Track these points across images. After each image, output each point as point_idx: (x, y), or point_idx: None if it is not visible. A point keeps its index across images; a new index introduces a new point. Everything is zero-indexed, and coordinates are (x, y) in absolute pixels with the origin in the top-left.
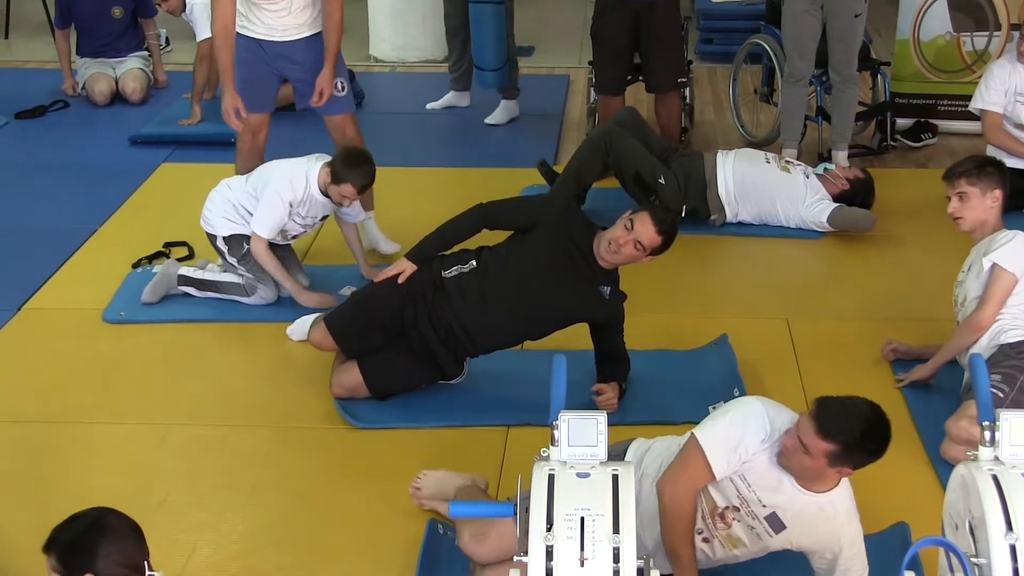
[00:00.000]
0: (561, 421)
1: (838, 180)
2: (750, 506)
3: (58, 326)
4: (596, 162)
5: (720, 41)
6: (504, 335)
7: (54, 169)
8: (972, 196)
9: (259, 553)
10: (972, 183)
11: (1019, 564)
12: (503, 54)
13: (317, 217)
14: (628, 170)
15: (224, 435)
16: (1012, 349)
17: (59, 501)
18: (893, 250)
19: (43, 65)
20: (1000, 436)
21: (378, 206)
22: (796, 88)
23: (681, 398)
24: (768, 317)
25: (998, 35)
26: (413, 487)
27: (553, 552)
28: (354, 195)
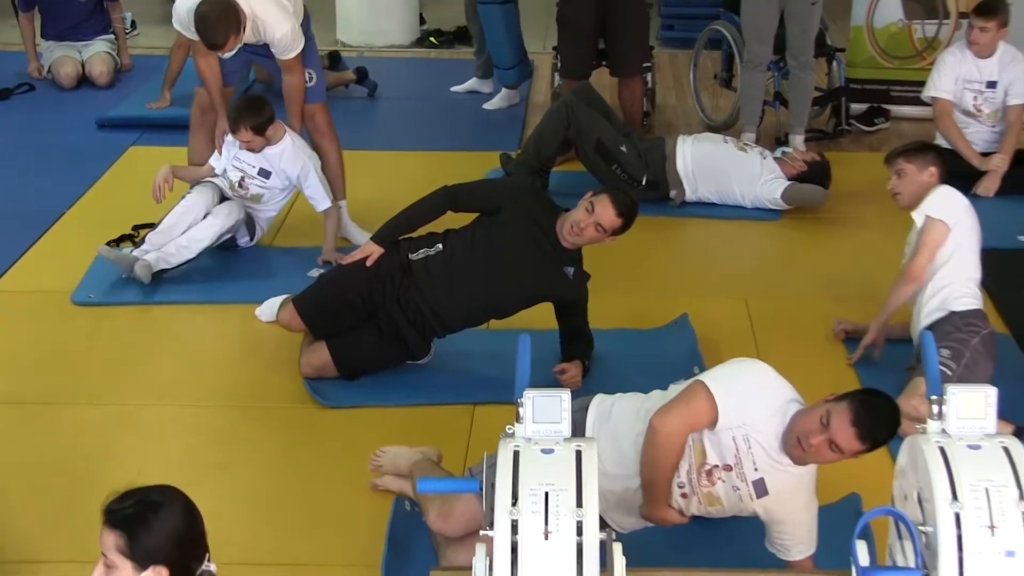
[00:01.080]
0: (526, 399)
1: (796, 163)
2: (743, 467)
3: (27, 309)
4: (558, 132)
5: (681, 27)
6: (471, 315)
7: (20, 152)
8: (909, 172)
9: (228, 531)
10: (909, 160)
11: (963, 531)
12: (516, 52)
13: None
14: (589, 138)
15: (194, 415)
16: (960, 319)
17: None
18: (848, 231)
19: (7, 48)
20: (947, 410)
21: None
22: (754, 73)
23: (643, 375)
24: (727, 297)
25: (947, 23)
26: (373, 464)
27: (518, 526)
28: (247, 140)
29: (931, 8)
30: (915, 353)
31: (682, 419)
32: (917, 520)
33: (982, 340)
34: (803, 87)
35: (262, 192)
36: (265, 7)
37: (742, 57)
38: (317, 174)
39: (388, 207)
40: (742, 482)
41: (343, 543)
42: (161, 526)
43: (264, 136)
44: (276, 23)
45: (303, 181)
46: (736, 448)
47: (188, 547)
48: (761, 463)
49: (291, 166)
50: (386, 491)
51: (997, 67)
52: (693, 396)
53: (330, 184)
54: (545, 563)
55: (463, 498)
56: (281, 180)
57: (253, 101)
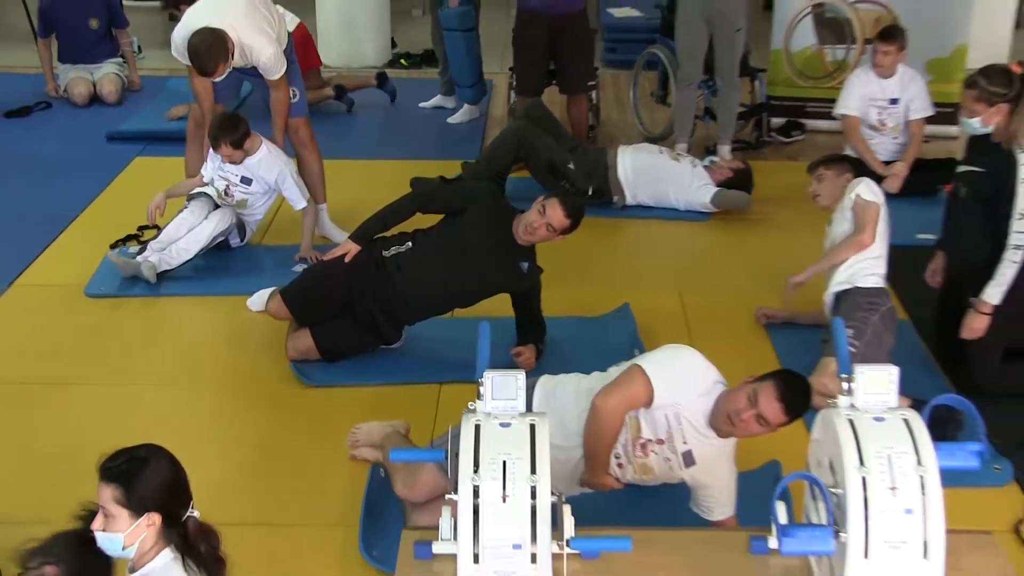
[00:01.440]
0: (486, 379)
1: (723, 170)
2: (674, 441)
3: (45, 301)
4: (508, 155)
5: (622, 50)
6: (437, 305)
7: (39, 162)
8: (827, 177)
9: (223, 498)
10: (828, 167)
11: (868, 493)
12: (476, 72)
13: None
14: (540, 159)
15: (192, 393)
16: (863, 295)
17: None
18: (768, 230)
19: (28, 70)
20: (855, 387)
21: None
22: (687, 91)
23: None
24: (663, 289)
25: (854, 47)
26: (350, 440)
27: (479, 491)
28: (228, 154)
29: (840, 34)
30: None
31: (622, 399)
32: (829, 483)
33: (881, 317)
34: (729, 103)
35: (246, 197)
36: (251, 35)
37: (676, 77)
38: (293, 178)
39: (364, 209)
40: (672, 454)
41: (324, 506)
42: (151, 477)
43: (243, 149)
44: (261, 48)
45: (280, 184)
46: (668, 424)
47: (175, 494)
48: (689, 437)
49: (268, 172)
50: (363, 460)
51: (898, 86)
52: (632, 378)
53: (312, 189)
54: (503, 523)
55: (426, 468)
56: (261, 185)
57: (229, 119)
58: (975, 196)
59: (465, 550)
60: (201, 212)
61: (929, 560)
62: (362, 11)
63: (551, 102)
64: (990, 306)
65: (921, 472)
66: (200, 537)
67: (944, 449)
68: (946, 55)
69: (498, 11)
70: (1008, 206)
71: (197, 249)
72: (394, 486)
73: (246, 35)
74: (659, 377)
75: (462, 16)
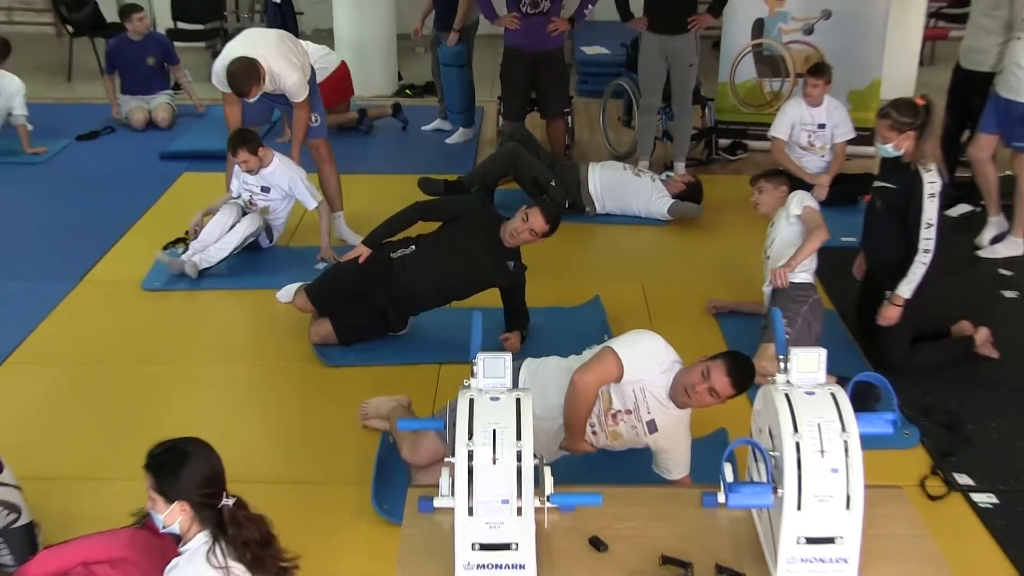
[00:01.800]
0: (478, 360)
1: (677, 184)
2: (639, 411)
3: (108, 294)
4: (501, 169)
5: (593, 82)
6: (436, 298)
7: (104, 178)
8: (767, 189)
9: (255, 460)
10: (768, 180)
11: (801, 455)
12: (468, 102)
13: (253, 185)
14: (527, 176)
15: (229, 371)
16: (795, 289)
17: (108, 420)
18: (716, 234)
19: (96, 101)
20: (791, 366)
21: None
22: (648, 116)
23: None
24: (628, 283)
25: (788, 80)
26: (361, 412)
27: (473, 455)
28: (244, 160)
29: (776, 69)
30: (764, 315)
31: (597, 375)
32: (768, 447)
33: (809, 307)
34: (684, 127)
35: (267, 204)
36: (279, 63)
37: (638, 104)
38: (303, 183)
39: (376, 216)
40: (639, 422)
41: (341, 467)
42: (181, 471)
43: (257, 156)
44: (286, 74)
45: (293, 189)
46: (635, 397)
47: (204, 488)
48: (652, 408)
49: (281, 179)
50: (373, 429)
51: (825, 113)
52: (604, 358)
53: (330, 199)
54: (493, 482)
55: (428, 436)
56: (278, 192)
57: (243, 132)
58: (888, 208)
59: (461, 504)
60: (231, 216)
61: (851, 511)
62: (373, 49)
63: (533, 125)
64: (902, 299)
65: (845, 437)
66: (234, 524)
67: (863, 418)
68: (863, 87)
69: (488, 49)
70: (917, 216)
71: (231, 248)
72: (401, 451)
73: (275, 64)
74: (627, 356)
75: (456, 54)
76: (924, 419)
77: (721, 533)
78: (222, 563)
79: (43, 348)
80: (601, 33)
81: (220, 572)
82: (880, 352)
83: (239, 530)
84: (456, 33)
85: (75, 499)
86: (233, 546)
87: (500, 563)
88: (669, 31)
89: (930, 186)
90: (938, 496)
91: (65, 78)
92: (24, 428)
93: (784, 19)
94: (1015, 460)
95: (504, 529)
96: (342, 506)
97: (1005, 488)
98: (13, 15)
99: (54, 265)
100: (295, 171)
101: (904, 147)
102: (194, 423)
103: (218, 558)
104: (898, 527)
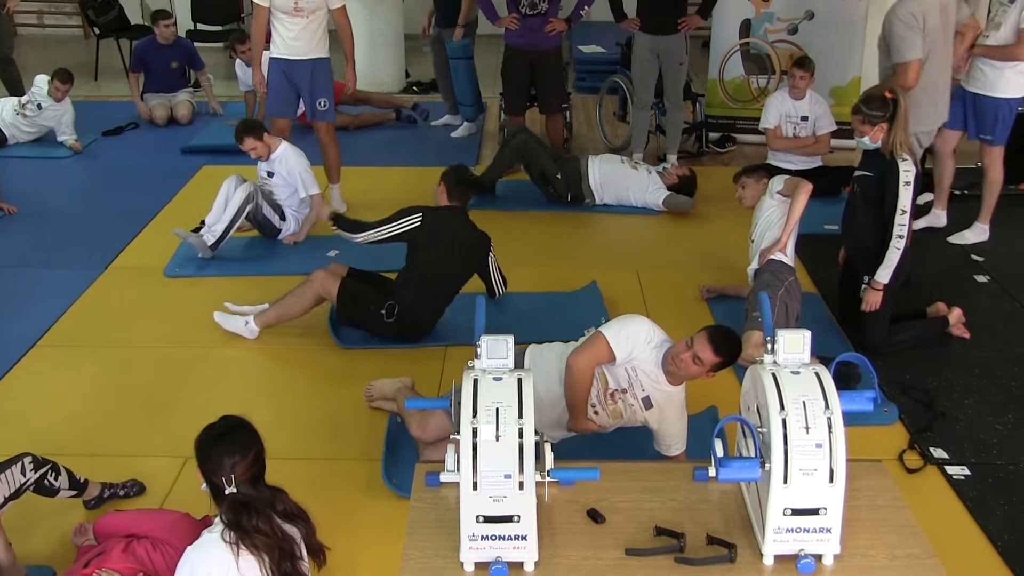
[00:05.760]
0: (482, 342)
1: (672, 176)
2: (634, 389)
3: (133, 279)
4: (513, 160)
5: (590, 79)
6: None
7: (128, 171)
8: (749, 184)
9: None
10: (748, 176)
11: (787, 431)
12: (475, 93)
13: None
14: (536, 166)
15: (248, 353)
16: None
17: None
18: (707, 222)
19: (121, 99)
20: (778, 347)
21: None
22: (642, 111)
23: (564, 325)
24: (624, 269)
25: (774, 77)
26: (366, 394)
27: (477, 432)
28: (252, 147)
29: (763, 67)
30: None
31: (588, 358)
32: (756, 424)
33: (787, 288)
34: (676, 121)
35: (275, 186)
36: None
37: (633, 100)
38: (304, 171)
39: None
40: (634, 400)
41: (352, 443)
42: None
43: (264, 142)
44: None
45: (292, 175)
46: (628, 376)
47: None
48: (646, 385)
49: (283, 166)
50: (380, 409)
51: (808, 106)
52: (595, 342)
53: (329, 171)
54: (497, 458)
55: (435, 415)
56: (280, 177)
57: (248, 122)
58: (865, 195)
59: (466, 479)
60: (228, 187)
61: (834, 484)
62: (382, 47)
63: (533, 120)
64: (881, 284)
65: (828, 415)
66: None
67: (846, 396)
68: (844, 84)
69: (489, 48)
70: (892, 203)
71: (230, 218)
72: (409, 428)
73: None
74: (615, 338)
75: (464, 47)
76: (902, 397)
77: (712, 505)
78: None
79: (72, 332)
80: (597, 33)
81: (230, 548)
82: (861, 334)
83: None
84: (461, 28)
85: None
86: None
87: (503, 534)
88: (660, 31)
89: (905, 174)
90: (915, 469)
91: (92, 77)
92: (54, 407)
93: (770, 19)
94: (986, 435)
95: (507, 502)
96: (354, 480)
97: (977, 461)
98: (44, 18)
99: (81, 253)
100: (298, 160)
101: (879, 138)
102: (216, 402)
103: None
104: (878, 498)
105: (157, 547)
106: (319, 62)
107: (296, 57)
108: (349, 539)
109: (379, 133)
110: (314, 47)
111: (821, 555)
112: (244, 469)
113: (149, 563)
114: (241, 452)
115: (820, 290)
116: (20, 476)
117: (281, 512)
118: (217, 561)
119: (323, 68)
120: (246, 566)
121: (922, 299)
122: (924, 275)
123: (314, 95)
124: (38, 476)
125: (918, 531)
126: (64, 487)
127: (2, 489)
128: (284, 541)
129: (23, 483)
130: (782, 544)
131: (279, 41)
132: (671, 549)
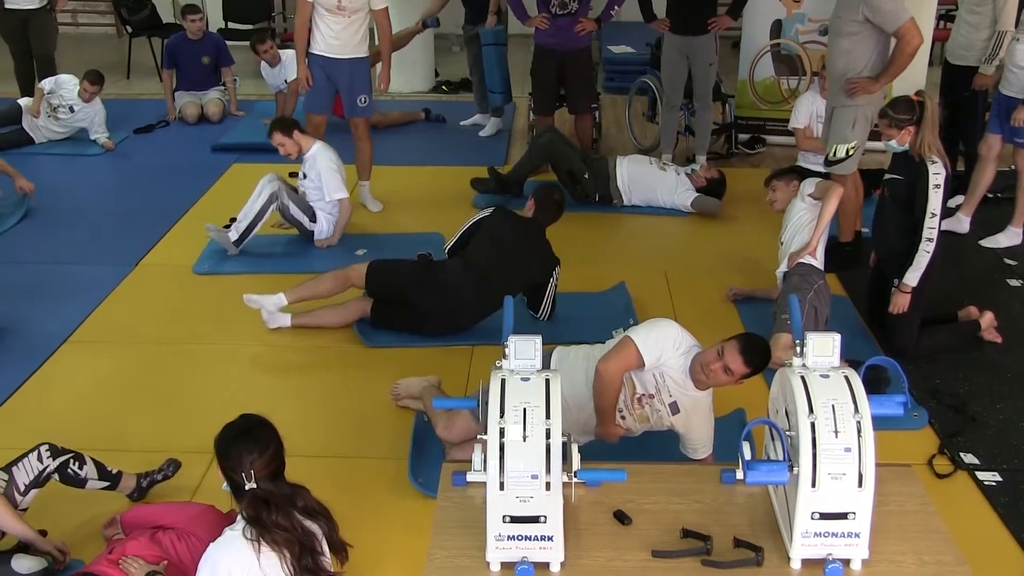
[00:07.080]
0: (510, 342)
1: (700, 178)
2: (661, 394)
3: (163, 276)
4: (542, 158)
5: (619, 79)
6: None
7: (159, 168)
8: (780, 188)
9: (301, 432)
10: (779, 179)
11: (816, 435)
12: (505, 80)
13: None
14: (564, 167)
15: (275, 350)
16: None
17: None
18: (736, 224)
19: (152, 97)
20: (807, 350)
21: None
22: (671, 112)
23: (593, 325)
24: (653, 270)
25: (804, 78)
26: (393, 392)
27: (504, 432)
28: (280, 143)
29: (793, 68)
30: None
31: (618, 364)
32: (785, 427)
33: (816, 292)
34: (705, 122)
35: (307, 188)
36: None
37: (662, 100)
38: (335, 174)
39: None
40: (661, 405)
41: (380, 442)
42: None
43: (292, 139)
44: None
45: (321, 176)
46: (656, 382)
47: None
48: (673, 391)
49: (313, 168)
50: (406, 408)
51: None
52: (625, 347)
53: (360, 168)
54: (523, 458)
55: (462, 415)
56: (311, 179)
57: (282, 119)
58: (895, 198)
59: (493, 479)
60: (261, 185)
61: (863, 488)
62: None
63: (562, 120)
64: (909, 287)
65: (858, 418)
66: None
67: (875, 400)
68: None
69: (519, 48)
70: (922, 206)
71: (254, 214)
72: (436, 428)
73: None
74: (645, 344)
75: (496, 33)
76: (932, 401)
77: (739, 508)
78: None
79: (102, 328)
80: (627, 33)
81: (251, 544)
82: (890, 337)
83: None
84: (494, 16)
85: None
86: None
87: (529, 535)
88: (690, 32)
89: (935, 177)
90: (945, 474)
91: (124, 75)
92: (84, 402)
93: (801, 20)
94: (1018, 441)
95: (533, 503)
96: (380, 479)
97: (1009, 467)
98: (78, 17)
99: (112, 250)
100: (326, 163)
101: (907, 142)
102: (241, 399)
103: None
104: (907, 504)
105: (182, 537)
106: (358, 61)
107: (335, 55)
108: (374, 537)
109: (408, 132)
110: (354, 47)
111: (849, 560)
112: (263, 465)
113: (173, 552)
114: (260, 449)
115: (849, 293)
116: (38, 463)
117: (302, 508)
118: (238, 558)
119: (362, 67)
120: (267, 562)
121: (954, 303)
122: (956, 279)
123: (353, 91)
124: (58, 464)
125: (948, 537)
126: (92, 477)
127: (21, 476)
128: (304, 536)
129: (42, 470)
130: (810, 548)
131: (319, 38)
132: (698, 552)
